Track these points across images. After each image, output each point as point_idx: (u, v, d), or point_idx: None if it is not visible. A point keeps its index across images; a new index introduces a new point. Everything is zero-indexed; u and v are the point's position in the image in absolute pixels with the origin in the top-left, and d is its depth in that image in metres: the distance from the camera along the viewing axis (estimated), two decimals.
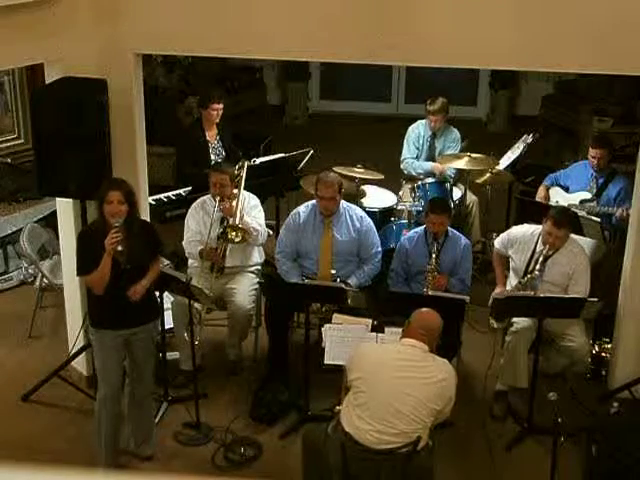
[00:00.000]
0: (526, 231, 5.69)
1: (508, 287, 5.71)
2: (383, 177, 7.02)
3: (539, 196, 6.90)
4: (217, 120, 7.13)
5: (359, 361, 4.32)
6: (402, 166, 7.45)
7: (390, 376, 4.19)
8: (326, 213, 5.85)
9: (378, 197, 7.03)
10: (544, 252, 5.44)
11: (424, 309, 4.48)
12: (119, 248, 4.59)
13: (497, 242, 5.91)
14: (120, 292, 4.71)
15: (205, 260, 5.83)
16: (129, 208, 4.65)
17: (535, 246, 5.54)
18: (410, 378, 4.18)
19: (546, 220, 5.45)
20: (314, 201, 5.95)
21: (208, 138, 7.15)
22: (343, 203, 5.97)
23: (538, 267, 5.43)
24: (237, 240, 5.78)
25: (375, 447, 4.13)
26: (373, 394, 4.17)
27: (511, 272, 5.75)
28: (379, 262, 5.96)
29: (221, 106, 7.09)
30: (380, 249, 5.99)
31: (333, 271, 5.77)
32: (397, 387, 4.15)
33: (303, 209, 6.01)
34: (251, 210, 5.99)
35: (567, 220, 5.48)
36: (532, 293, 5.35)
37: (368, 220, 6.01)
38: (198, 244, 5.86)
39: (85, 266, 4.73)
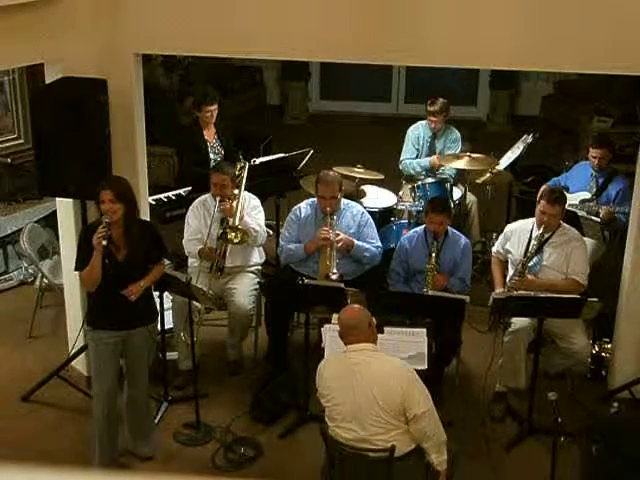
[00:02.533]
0: (521, 224, 5.75)
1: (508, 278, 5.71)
2: (383, 177, 7.03)
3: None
4: (213, 120, 7.13)
5: (318, 379, 4.31)
6: (400, 166, 7.46)
7: (341, 386, 4.16)
8: (329, 212, 5.85)
9: (378, 197, 7.03)
10: (540, 236, 5.47)
11: (341, 312, 4.37)
12: (103, 243, 4.57)
13: (495, 246, 5.94)
14: (117, 292, 4.72)
15: (203, 260, 5.84)
16: (125, 207, 4.63)
17: (531, 234, 5.57)
18: (357, 385, 4.11)
19: (539, 200, 5.54)
20: (315, 198, 5.98)
21: (207, 137, 7.15)
22: (343, 200, 6.00)
23: (534, 250, 5.47)
24: (236, 241, 5.78)
25: (350, 449, 4.12)
26: (335, 406, 4.17)
27: (509, 266, 5.75)
28: (380, 254, 5.98)
29: (215, 107, 7.07)
30: (380, 244, 6.00)
31: (334, 269, 5.77)
32: (349, 395, 4.11)
33: (304, 205, 6.07)
34: (251, 211, 5.99)
35: (559, 197, 5.53)
36: (532, 293, 5.35)
37: (367, 216, 6.05)
38: (198, 243, 5.87)
39: (81, 262, 4.74)
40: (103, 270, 4.66)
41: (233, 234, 5.77)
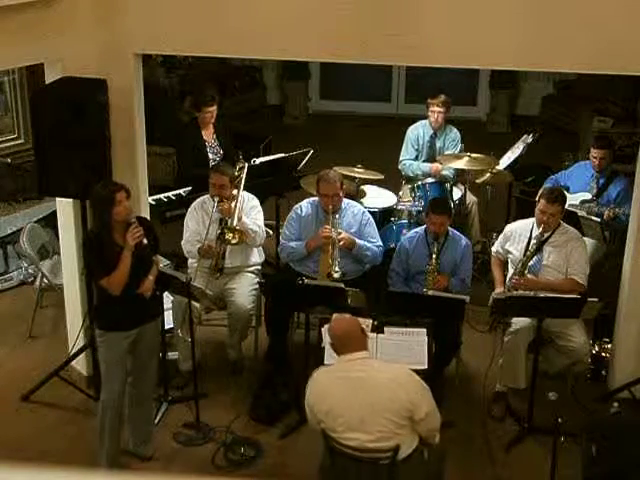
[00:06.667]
0: (521, 224, 5.76)
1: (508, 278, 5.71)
2: (383, 177, 7.03)
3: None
4: (212, 121, 7.12)
5: (313, 399, 4.14)
6: (400, 167, 7.46)
7: (343, 398, 4.05)
8: (332, 210, 5.83)
9: (378, 197, 7.03)
10: (539, 236, 5.49)
11: (332, 325, 4.24)
12: (145, 241, 4.63)
13: (495, 245, 5.94)
14: (130, 290, 4.72)
15: (202, 257, 5.82)
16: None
17: (531, 234, 5.58)
18: (361, 396, 4.02)
19: (539, 199, 5.57)
20: (316, 198, 5.97)
21: (205, 137, 7.15)
22: (344, 200, 6.00)
23: (534, 250, 5.48)
24: (234, 242, 5.77)
25: (354, 454, 4.07)
26: (336, 418, 4.05)
27: (509, 265, 5.76)
28: (381, 253, 5.98)
29: (214, 108, 7.06)
30: (381, 243, 6.00)
31: (336, 267, 5.76)
32: (353, 407, 4.03)
33: (305, 204, 6.07)
34: (250, 211, 5.99)
35: (559, 196, 5.54)
36: (532, 293, 5.35)
37: (368, 215, 6.06)
38: (197, 244, 5.86)
39: (103, 269, 4.69)
40: None
41: (231, 235, 5.76)
